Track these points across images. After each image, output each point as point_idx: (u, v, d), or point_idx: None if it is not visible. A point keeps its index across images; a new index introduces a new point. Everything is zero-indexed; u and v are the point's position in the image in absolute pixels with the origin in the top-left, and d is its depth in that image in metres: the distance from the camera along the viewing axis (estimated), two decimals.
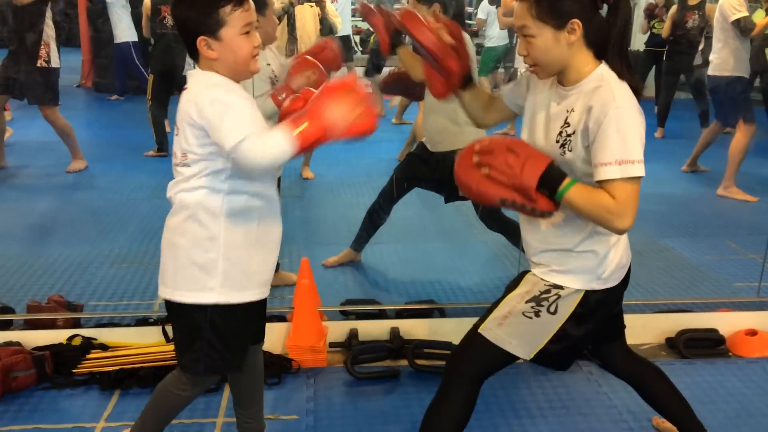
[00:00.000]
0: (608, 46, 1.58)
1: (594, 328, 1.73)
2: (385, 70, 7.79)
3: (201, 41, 1.59)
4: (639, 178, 1.50)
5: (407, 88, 3.21)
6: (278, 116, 1.77)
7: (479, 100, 1.87)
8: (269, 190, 1.73)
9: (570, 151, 1.59)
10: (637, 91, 1.59)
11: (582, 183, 1.55)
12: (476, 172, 1.57)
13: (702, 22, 6.38)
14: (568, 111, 1.60)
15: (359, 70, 8.76)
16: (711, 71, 4.90)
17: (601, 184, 1.52)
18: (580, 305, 1.67)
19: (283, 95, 2.71)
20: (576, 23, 1.54)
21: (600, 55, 1.60)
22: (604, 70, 1.59)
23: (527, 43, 1.59)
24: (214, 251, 1.65)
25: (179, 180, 1.68)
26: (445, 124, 3.11)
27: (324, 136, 1.54)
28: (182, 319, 1.72)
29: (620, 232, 1.55)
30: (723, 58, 4.77)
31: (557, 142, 1.62)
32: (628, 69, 1.60)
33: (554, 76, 1.65)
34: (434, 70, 1.80)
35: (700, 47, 6.45)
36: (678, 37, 6.44)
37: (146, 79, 7.93)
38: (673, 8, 6.52)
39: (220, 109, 1.55)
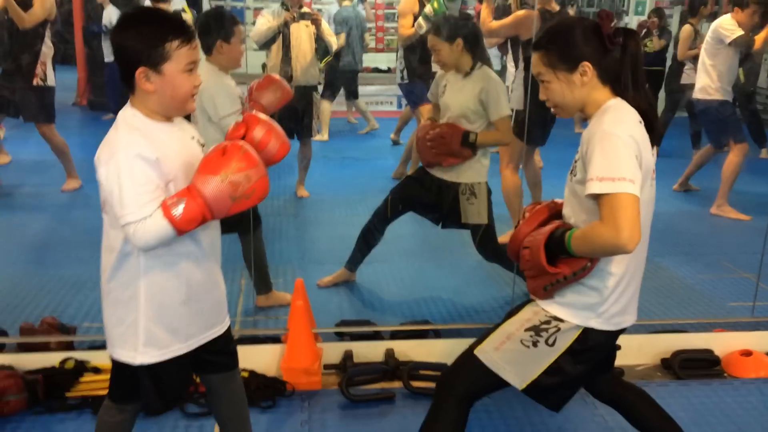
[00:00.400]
0: (622, 81, 1.67)
1: (589, 370, 1.74)
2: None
3: (140, 72, 1.53)
4: (626, 194, 1.51)
5: None
6: (225, 138, 1.70)
7: None
8: (196, 244, 1.65)
9: (575, 176, 1.68)
10: (651, 123, 1.67)
11: (577, 232, 1.61)
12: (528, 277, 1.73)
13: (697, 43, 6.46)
14: (582, 143, 1.68)
15: (360, 89, 8.84)
16: (697, 95, 4.96)
17: (595, 201, 1.58)
18: (578, 341, 1.68)
19: (253, 111, 2.79)
20: (587, 66, 1.64)
21: (618, 89, 1.68)
22: (613, 102, 1.67)
23: (545, 88, 1.71)
24: (133, 312, 1.63)
25: (104, 229, 1.65)
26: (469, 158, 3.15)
27: (206, 215, 1.50)
28: (115, 371, 1.74)
29: (626, 251, 1.53)
30: (709, 82, 4.83)
31: (571, 171, 1.72)
32: (645, 101, 1.68)
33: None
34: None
35: (687, 67, 6.53)
36: (674, 57, 6.52)
37: None
38: (688, 29, 6.50)
39: (115, 179, 1.51)
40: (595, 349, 1.71)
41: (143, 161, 1.52)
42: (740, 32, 4.74)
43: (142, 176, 1.52)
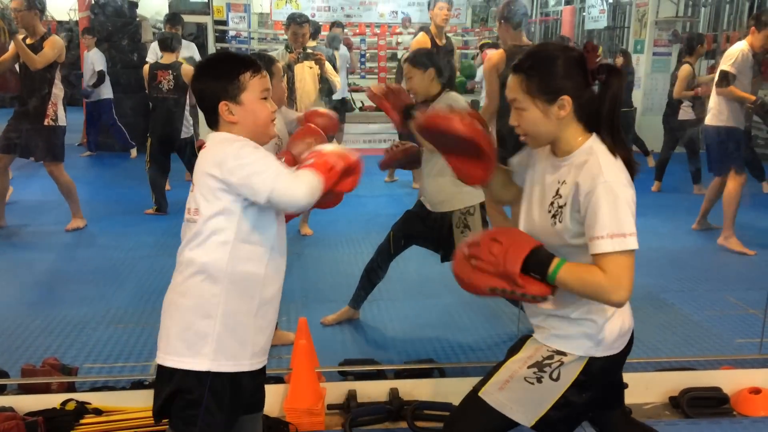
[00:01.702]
0: (599, 119, 1.61)
1: (596, 396, 1.71)
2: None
3: (223, 106, 1.65)
4: (632, 251, 1.51)
5: (409, 161, 3.24)
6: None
7: (500, 176, 1.87)
8: (277, 261, 1.73)
9: (560, 222, 1.61)
10: (630, 163, 1.61)
11: (572, 262, 1.55)
12: (467, 265, 1.59)
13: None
14: (559, 182, 1.62)
15: (362, 127, 8.97)
16: (707, 121, 4.96)
17: (594, 258, 1.52)
18: (583, 373, 1.66)
19: (283, 159, 2.82)
20: (566, 99, 1.57)
21: (591, 127, 1.63)
22: (594, 142, 1.61)
23: (518, 115, 1.63)
24: (212, 316, 1.64)
25: (188, 236, 1.69)
26: (445, 185, 3.14)
27: (336, 166, 1.70)
28: (176, 383, 1.68)
29: (617, 305, 1.54)
30: (719, 108, 4.84)
31: (549, 212, 1.64)
32: (620, 142, 1.62)
33: (548, 146, 1.68)
34: (466, 160, 1.78)
35: (684, 104, 6.58)
36: (669, 94, 6.60)
37: (122, 136, 8.14)
38: (687, 69, 6.56)
39: (245, 161, 1.60)
40: (601, 376, 1.68)
41: (264, 150, 1.69)
42: (725, 67, 4.79)
43: (272, 155, 1.70)
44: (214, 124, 1.71)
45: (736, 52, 4.76)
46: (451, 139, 1.73)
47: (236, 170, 1.60)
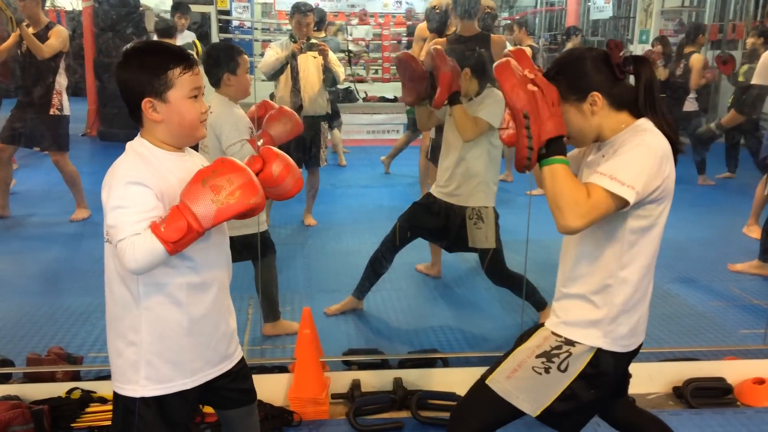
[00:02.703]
0: (641, 107, 1.66)
1: (604, 396, 1.72)
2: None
3: (146, 103, 1.54)
4: (620, 198, 1.53)
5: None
6: None
7: None
8: (197, 274, 1.61)
9: None
10: (675, 145, 1.64)
11: (568, 167, 1.58)
12: (521, 79, 1.57)
13: (688, 71, 6.51)
14: (603, 156, 1.65)
15: (366, 117, 8.93)
16: None
17: (586, 185, 1.56)
18: (590, 365, 1.67)
19: (261, 141, 2.85)
20: (596, 96, 1.63)
21: (638, 113, 1.67)
22: (644, 122, 1.65)
23: None
24: (135, 344, 1.59)
25: (105, 259, 1.64)
26: (468, 179, 3.17)
27: (191, 222, 1.45)
28: (116, 405, 1.67)
29: (563, 229, 1.54)
30: None
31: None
32: (668, 124, 1.66)
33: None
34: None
35: (691, 95, 6.55)
36: (670, 84, 6.56)
37: None
38: (700, 57, 6.56)
39: (116, 201, 1.51)
40: (607, 373, 1.69)
41: (142, 187, 1.51)
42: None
43: (139, 198, 1.51)
44: (137, 120, 1.59)
45: None
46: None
47: (109, 203, 1.52)
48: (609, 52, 1.64)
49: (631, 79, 1.70)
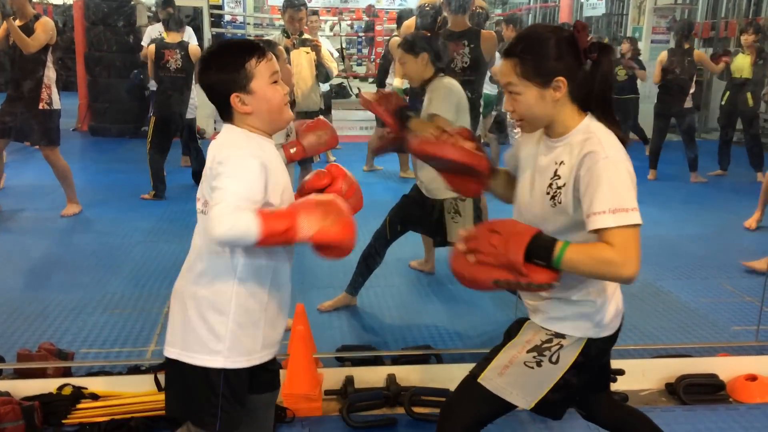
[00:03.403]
0: (592, 98, 1.59)
1: (591, 378, 1.73)
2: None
3: (234, 98, 1.61)
4: (636, 225, 1.48)
5: (401, 146, 3.22)
6: (300, 190, 1.83)
7: (501, 179, 1.86)
8: (283, 255, 1.71)
9: (560, 203, 1.59)
10: (623, 141, 1.59)
11: (576, 243, 1.51)
12: (466, 261, 1.55)
13: (691, 67, 6.52)
14: (557, 163, 1.60)
15: (360, 114, 8.90)
16: None
17: (598, 234, 1.49)
18: (582, 354, 1.66)
19: (294, 149, 2.83)
20: (561, 80, 1.56)
21: (585, 107, 1.61)
22: (590, 122, 1.60)
23: (513, 99, 1.61)
24: (224, 313, 1.64)
25: (199, 228, 1.68)
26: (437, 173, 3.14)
27: (290, 236, 1.52)
28: (191, 378, 1.68)
29: (629, 281, 1.49)
30: None
31: (547, 194, 1.61)
32: (613, 120, 1.61)
33: (541, 130, 1.67)
34: (460, 178, 1.84)
35: (691, 91, 6.58)
36: (669, 81, 6.57)
37: None
38: (663, 54, 6.67)
39: (225, 169, 1.55)
40: (598, 357, 1.71)
41: (261, 170, 1.58)
42: None
43: (253, 176, 1.56)
44: (228, 116, 1.67)
45: None
46: (445, 163, 1.78)
47: (216, 173, 1.56)
48: (576, 34, 1.54)
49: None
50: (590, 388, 1.84)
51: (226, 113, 1.66)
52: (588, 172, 1.51)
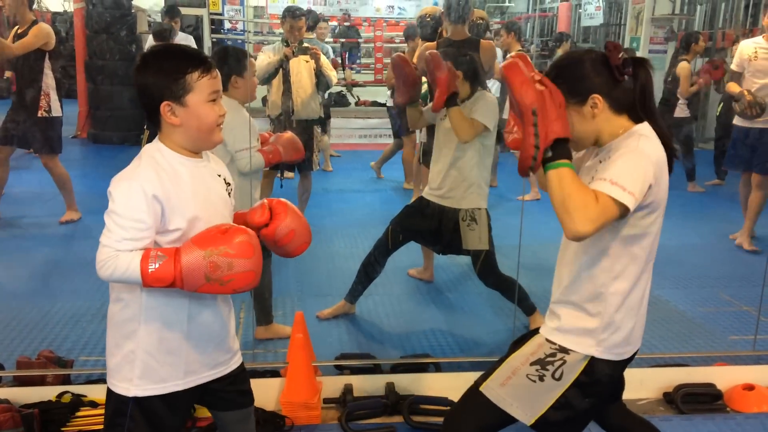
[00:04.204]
0: (639, 110, 1.65)
1: (598, 403, 1.72)
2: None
3: (165, 107, 1.55)
4: (622, 205, 1.52)
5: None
6: (236, 220, 1.74)
7: None
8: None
9: None
10: (669, 148, 1.65)
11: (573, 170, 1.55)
12: (530, 78, 1.54)
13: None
14: (600, 161, 1.65)
15: (359, 122, 8.92)
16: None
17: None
18: (585, 373, 1.66)
19: (269, 149, 2.92)
20: (596, 98, 1.62)
21: (635, 117, 1.66)
22: (642, 127, 1.65)
23: None
24: (132, 341, 1.60)
25: None
26: (462, 180, 3.20)
27: (176, 281, 1.48)
28: (108, 401, 1.67)
29: (572, 233, 1.50)
30: None
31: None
32: (660, 128, 1.66)
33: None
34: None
35: (682, 101, 6.60)
36: (666, 92, 6.62)
37: None
38: (687, 66, 6.64)
39: (111, 205, 1.52)
40: (601, 381, 1.68)
41: (144, 198, 1.51)
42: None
43: (138, 212, 1.51)
44: (155, 124, 1.59)
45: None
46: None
47: (110, 201, 1.52)
48: (608, 53, 1.62)
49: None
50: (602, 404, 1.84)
51: (153, 120, 1.59)
52: (615, 152, 1.58)
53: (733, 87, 4.82)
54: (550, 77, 1.63)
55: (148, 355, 1.60)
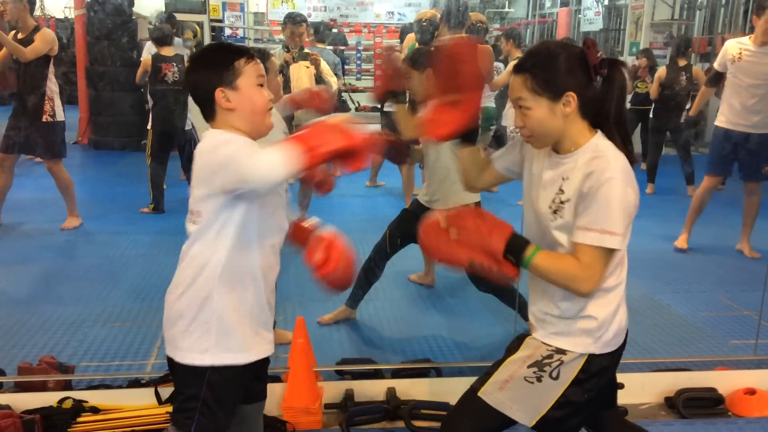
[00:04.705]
0: (604, 116, 1.62)
1: (595, 396, 1.72)
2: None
3: (219, 93, 1.63)
4: (611, 250, 1.54)
5: (393, 153, 3.24)
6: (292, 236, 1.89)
7: (476, 161, 1.91)
8: (270, 252, 1.72)
9: (561, 218, 1.62)
10: (631, 161, 1.62)
11: (547, 251, 1.59)
12: (444, 236, 1.61)
13: (689, 84, 6.58)
14: (563, 179, 1.62)
15: (359, 128, 8.91)
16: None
17: (574, 246, 1.57)
18: (583, 371, 1.67)
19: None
20: (571, 95, 1.58)
21: (596, 124, 1.63)
22: (600, 140, 1.63)
23: (523, 114, 1.62)
24: (208, 312, 1.66)
25: (188, 236, 1.70)
26: (442, 184, 3.19)
27: (317, 150, 1.51)
28: (180, 376, 1.72)
29: (583, 295, 1.58)
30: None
31: (550, 208, 1.64)
32: (624, 140, 1.63)
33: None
34: (441, 110, 1.76)
35: (687, 106, 6.63)
36: (666, 97, 6.62)
37: None
38: (662, 69, 6.74)
39: (222, 150, 1.57)
40: (600, 374, 1.69)
41: (249, 141, 1.63)
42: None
43: (254, 144, 1.62)
44: (210, 114, 1.68)
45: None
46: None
47: (215, 161, 1.58)
48: (586, 51, 1.57)
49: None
50: (597, 406, 1.84)
51: (209, 111, 1.67)
52: (589, 189, 1.55)
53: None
54: (526, 65, 1.60)
55: (222, 325, 1.65)
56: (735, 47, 4.57)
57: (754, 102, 4.50)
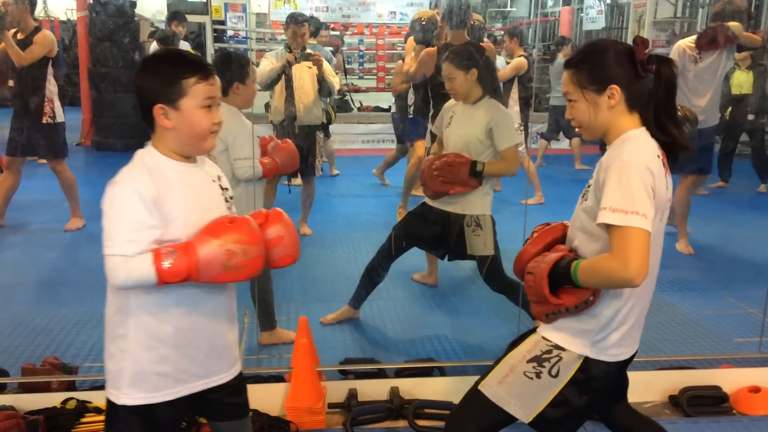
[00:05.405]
0: (653, 110, 1.65)
1: (596, 399, 1.72)
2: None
3: (158, 109, 1.55)
4: (637, 229, 1.50)
5: None
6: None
7: None
8: (199, 289, 1.60)
9: (586, 200, 1.67)
10: (686, 149, 1.67)
11: (583, 258, 1.62)
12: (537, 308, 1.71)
13: None
14: (598, 166, 1.67)
15: (362, 127, 8.93)
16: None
17: (606, 230, 1.57)
18: (580, 371, 1.67)
19: (270, 164, 2.94)
20: (615, 89, 1.63)
21: (646, 118, 1.66)
22: (634, 132, 1.65)
23: (571, 107, 1.70)
24: (123, 350, 1.60)
25: None
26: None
27: (192, 274, 1.50)
28: (107, 408, 1.67)
29: (632, 282, 1.51)
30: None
31: (582, 194, 1.71)
32: (677, 129, 1.66)
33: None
34: None
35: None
36: None
37: None
38: None
39: (106, 210, 1.52)
40: (598, 379, 1.68)
41: (139, 199, 1.52)
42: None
43: (135, 213, 1.51)
44: (149, 124, 1.60)
45: None
46: None
47: (104, 213, 1.52)
48: (634, 47, 1.63)
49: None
50: (603, 403, 1.84)
51: (147, 121, 1.60)
52: (605, 172, 1.59)
53: None
54: (574, 61, 1.67)
55: (138, 364, 1.60)
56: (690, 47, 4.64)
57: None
